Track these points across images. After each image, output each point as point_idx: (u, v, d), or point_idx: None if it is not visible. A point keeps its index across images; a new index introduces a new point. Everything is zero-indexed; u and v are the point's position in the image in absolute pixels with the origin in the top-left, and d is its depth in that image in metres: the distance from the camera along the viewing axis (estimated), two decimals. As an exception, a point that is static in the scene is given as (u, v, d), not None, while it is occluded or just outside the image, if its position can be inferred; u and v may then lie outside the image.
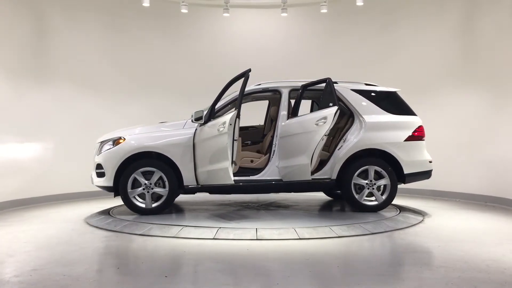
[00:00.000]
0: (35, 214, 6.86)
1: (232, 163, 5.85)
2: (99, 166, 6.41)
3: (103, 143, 6.46)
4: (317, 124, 5.95)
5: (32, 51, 7.99)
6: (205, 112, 6.13)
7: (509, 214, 6.78)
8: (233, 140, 5.88)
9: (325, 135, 6.02)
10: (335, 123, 6.91)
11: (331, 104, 6.02)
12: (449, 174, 7.91)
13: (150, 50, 9.46)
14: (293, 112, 6.64)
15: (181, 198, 8.04)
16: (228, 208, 7.09)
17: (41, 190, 7.97)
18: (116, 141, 6.33)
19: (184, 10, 9.25)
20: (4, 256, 4.47)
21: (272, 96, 7.04)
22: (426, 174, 6.72)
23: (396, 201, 7.35)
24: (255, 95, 7.00)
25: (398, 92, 6.89)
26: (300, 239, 5.08)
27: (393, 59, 9.06)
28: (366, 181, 6.43)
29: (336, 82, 6.62)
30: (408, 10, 9.01)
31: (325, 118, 5.95)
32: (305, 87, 6.63)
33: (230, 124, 5.80)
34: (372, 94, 6.72)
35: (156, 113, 8.81)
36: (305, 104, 7.65)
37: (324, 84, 6.38)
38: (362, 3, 8.87)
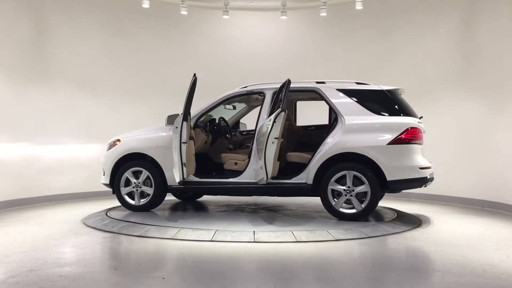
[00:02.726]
0: (32, 215, 6.85)
1: (182, 165, 6.07)
2: (102, 166, 6.94)
3: (109, 144, 6.99)
4: (267, 127, 5.85)
5: (32, 51, 7.98)
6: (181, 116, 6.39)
7: (507, 219, 6.79)
8: (181, 142, 6.04)
9: (276, 138, 5.80)
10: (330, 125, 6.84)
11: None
12: (447, 178, 7.92)
13: (150, 51, 9.46)
14: (270, 114, 6.40)
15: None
16: (225, 210, 7.09)
17: (38, 191, 7.95)
18: (114, 143, 6.88)
19: (183, 12, 9.26)
20: (0, 256, 4.45)
21: (259, 98, 6.99)
22: (417, 182, 6.06)
23: (393, 205, 7.37)
24: (242, 98, 7.03)
25: (394, 91, 6.40)
26: (297, 242, 5.07)
27: (392, 64, 9.07)
28: (344, 187, 5.99)
29: (323, 82, 6.53)
30: (408, 15, 9.02)
31: (270, 120, 5.84)
32: (281, 88, 6.44)
33: (176, 127, 6.03)
34: (360, 93, 6.32)
35: (156, 114, 8.75)
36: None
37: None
38: (361, 7, 8.89)
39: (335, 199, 6.07)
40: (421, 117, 6.50)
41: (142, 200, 6.63)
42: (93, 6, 8.87)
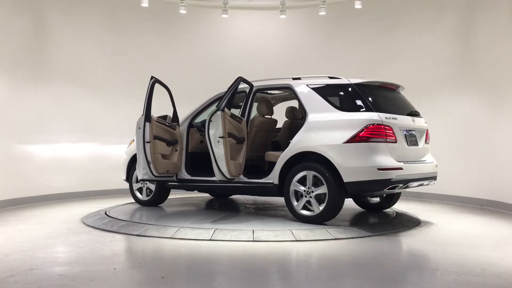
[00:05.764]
0: (31, 214, 6.85)
1: (148, 163, 6.27)
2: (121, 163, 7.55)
3: (129, 143, 7.57)
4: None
5: (31, 51, 7.98)
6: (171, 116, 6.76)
7: (506, 217, 6.80)
8: (144, 142, 6.25)
9: (221, 137, 5.70)
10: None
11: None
12: (446, 177, 7.92)
13: (149, 50, 9.47)
14: (241, 113, 6.31)
15: (179, 198, 8.05)
16: (225, 209, 7.09)
17: (37, 190, 7.95)
18: (130, 142, 7.48)
19: (182, 11, 9.26)
20: (0, 255, 4.45)
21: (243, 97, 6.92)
22: (375, 184, 5.43)
23: (392, 204, 7.34)
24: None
25: (368, 84, 5.89)
26: (296, 241, 5.08)
27: (391, 63, 9.07)
28: (304, 188, 5.72)
29: (299, 78, 6.33)
30: (407, 15, 9.03)
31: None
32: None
33: (139, 128, 6.29)
34: (326, 89, 5.98)
35: (158, 112, 8.78)
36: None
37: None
38: (360, 6, 8.89)
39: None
40: (410, 112, 6.12)
41: (148, 196, 7.14)
42: (92, 6, 8.87)
